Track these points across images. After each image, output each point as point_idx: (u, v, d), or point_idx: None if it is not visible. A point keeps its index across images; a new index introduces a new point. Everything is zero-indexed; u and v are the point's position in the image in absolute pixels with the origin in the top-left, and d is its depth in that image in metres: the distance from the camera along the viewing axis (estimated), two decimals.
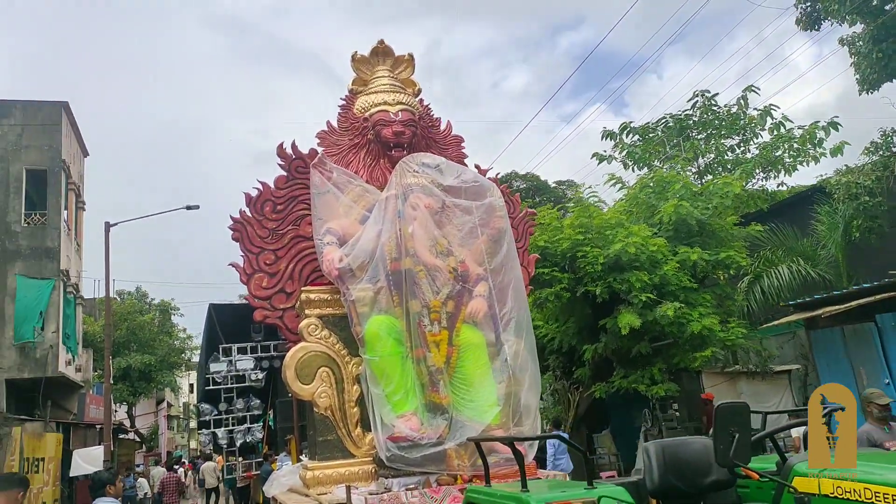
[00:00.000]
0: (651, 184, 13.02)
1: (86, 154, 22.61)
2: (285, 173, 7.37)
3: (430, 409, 6.12)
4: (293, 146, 7.40)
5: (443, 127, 8.06)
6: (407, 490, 5.65)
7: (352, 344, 6.33)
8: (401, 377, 6.10)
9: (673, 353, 12.26)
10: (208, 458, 23.26)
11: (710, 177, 17.54)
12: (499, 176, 7.96)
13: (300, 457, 9.87)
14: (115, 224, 18.74)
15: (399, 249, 6.44)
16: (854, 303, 9.46)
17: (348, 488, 5.11)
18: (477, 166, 7.75)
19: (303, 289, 6.58)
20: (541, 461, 9.43)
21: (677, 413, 13.63)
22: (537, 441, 6.55)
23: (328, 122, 7.71)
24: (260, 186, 7.31)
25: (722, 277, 13.10)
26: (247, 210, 7.26)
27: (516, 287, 6.51)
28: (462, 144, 8.08)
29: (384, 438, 5.83)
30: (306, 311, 6.43)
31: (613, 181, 13.97)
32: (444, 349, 6.24)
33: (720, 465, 2.68)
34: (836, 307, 9.60)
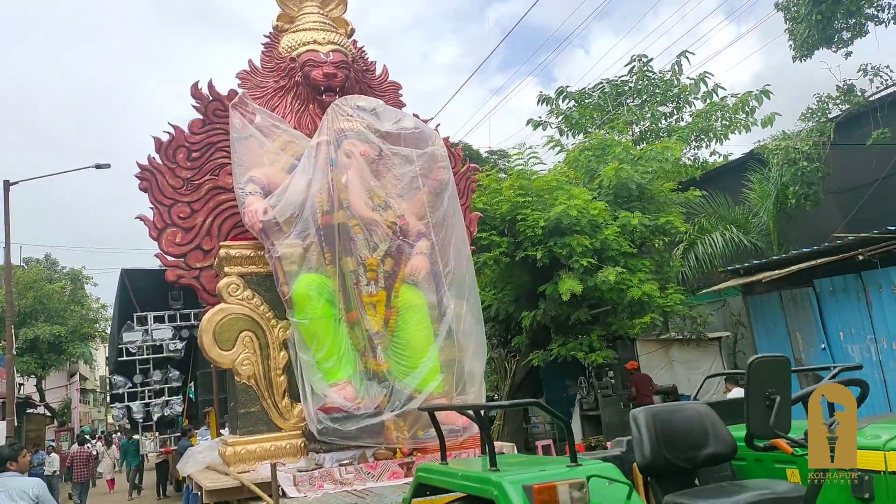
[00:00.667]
0: (590, 147, 12.67)
1: None
2: (202, 117, 6.58)
3: (366, 377, 5.56)
4: (210, 86, 6.59)
5: (378, 72, 7.39)
6: (341, 466, 5.09)
7: (278, 305, 5.67)
8: (333, 342, 5.50)
9: (610, 320, 12.05)
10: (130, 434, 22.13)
11: (644, 144, 17.41)
12: (438, 128, 7.36)
13: (220, 431, 9.13)
14: (16, 182, 17.19)
15: (331, 201, 5.79)
16: (794, 267, 9.36)
17: (273, 466, 4.51)
18: (416, 115, 7.13)
19: (221, 244, 5.85)
20: None
21: (612, 381, 13.51)
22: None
23: (250, 62, 6.91)
24: (172, 130, 6.50)
25: (657, 244, 12.93)
26: (156, 157, 6.45)
27: (459, 245, 5.97)
28: (400, 92, 7.43)
29: (315, 409, 5.23)
30: (226, 269, 5.72)
31: (553, 144, 13.57)
32: (382, 311, 5.66)
33: (756, 436, 2.22)
34: (777, 272, 9.48)
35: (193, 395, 16.41)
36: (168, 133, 6.47)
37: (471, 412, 3.49)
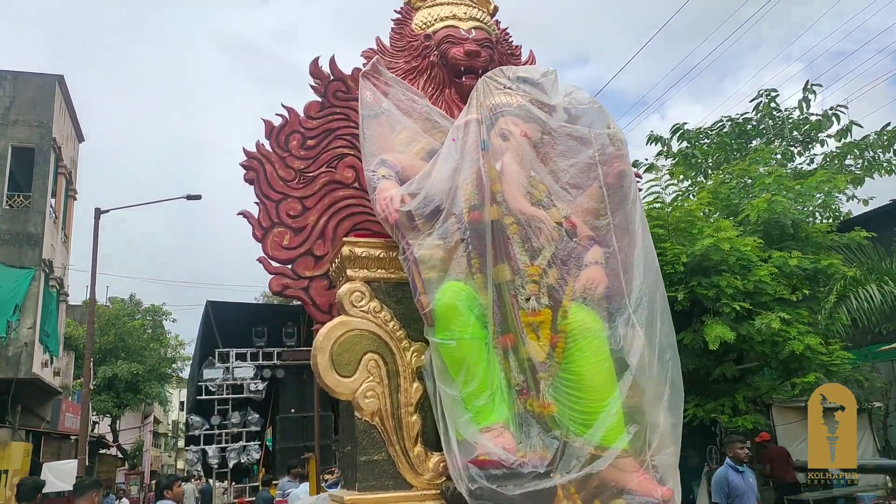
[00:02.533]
0: (732, 179, 11.14)
1: (81, 139, 20.77)
2: (320, 99, 5.48)
3: (524, 422, 4.14)
4: (331, 63, 5.51)
5: (524, 58, 6.19)
6: None
7: (412, 323, 4.35)
8: (486, 372, 4.10)
9: (756, 379, 10.28)
10: (187, 479, 20.95)
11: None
12: None
13: (322, 484, 7.70)
14: (107, 211, 16.86)
15: (481, 194, 4.49)
16: None
17: None
18: None
19: (345, 239, 4.60)
20: None
21: (751, 453, 11.59)
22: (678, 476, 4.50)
23: (377, 39, 5.81)
24: (286, 113, 5.42)
25: (810, 291, 11.12)
26: (266, 144, 5.37)
27: (647, 258, 4.52)
28: None
29: (464, 462, 3.82)
30: (349, 273, 4.44)
31: (682, 177, 12.09)
32: (547, 335, 4.23)
33: None
34: None
35: (271, 443, 15.25)
36: (281, 116, 5.38)
37: None
